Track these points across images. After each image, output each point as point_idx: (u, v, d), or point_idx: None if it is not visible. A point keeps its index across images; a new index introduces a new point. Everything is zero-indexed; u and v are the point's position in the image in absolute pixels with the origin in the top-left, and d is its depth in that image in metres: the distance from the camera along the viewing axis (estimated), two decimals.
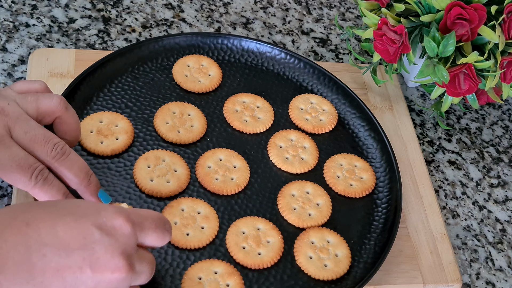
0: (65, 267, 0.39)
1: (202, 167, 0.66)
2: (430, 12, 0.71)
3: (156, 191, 0.63)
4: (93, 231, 0.40)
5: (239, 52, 0.79)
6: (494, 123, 0.85)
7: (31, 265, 0.38)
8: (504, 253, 0.72)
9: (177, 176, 0.64)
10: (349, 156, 0.72)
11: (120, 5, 0.85)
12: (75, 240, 0.40)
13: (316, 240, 0.64)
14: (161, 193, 0.63)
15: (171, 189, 0.64)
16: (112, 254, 0.40)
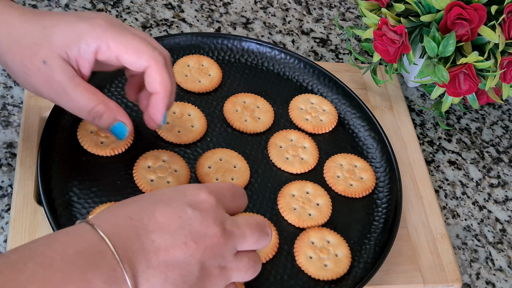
0: (173, 246, 0.43)
1: (202, 167, 0.66)
2: (430, 12, 0.71)
3: None
4: (185, 210, 0.45)
5: (239, 52, 0.79)
6: (494, 123, 0.85)
7: (145, 251, 0.42)
8: (504, 253, 0.72)
9: (177, 176, 0.64)
10: (349, 156, 0.72)
11: (120, 5, 0.85)
12: (173, 221, 0.44)
13: (316, 240, 0.64)
14: None
15: None
16: (206, 224, 0.45)
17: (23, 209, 0.61)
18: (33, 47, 0.50)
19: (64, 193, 0.62)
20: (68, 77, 0.51)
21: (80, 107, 0.52)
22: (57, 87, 0.51)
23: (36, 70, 0.50)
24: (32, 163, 0.64)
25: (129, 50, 0.52)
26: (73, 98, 0.52)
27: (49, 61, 0.50)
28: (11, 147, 0.68)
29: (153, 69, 0.54)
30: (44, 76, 0.51)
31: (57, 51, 0.51)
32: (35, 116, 0.68)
